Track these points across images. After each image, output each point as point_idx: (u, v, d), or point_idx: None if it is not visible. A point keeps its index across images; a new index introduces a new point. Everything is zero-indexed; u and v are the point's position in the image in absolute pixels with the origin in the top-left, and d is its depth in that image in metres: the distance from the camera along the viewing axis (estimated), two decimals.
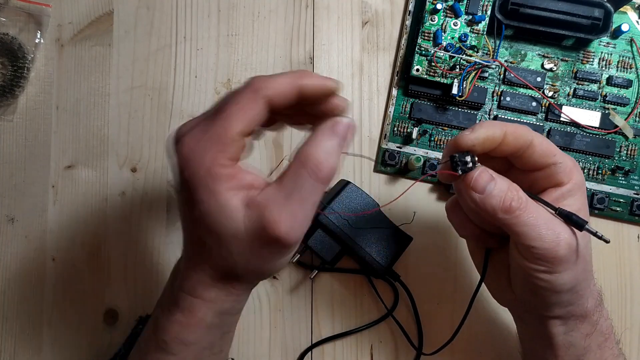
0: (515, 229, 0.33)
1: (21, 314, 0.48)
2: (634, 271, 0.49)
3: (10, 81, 0.48)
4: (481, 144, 0.34)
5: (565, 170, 0.34)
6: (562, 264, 0.33)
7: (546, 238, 0.32)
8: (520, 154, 0.35)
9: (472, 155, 0.34)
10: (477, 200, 0.33)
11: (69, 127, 0.49)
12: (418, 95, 0.48)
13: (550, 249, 0.32)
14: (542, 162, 0.35)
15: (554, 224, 0.33)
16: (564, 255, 0.33)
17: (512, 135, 0.34)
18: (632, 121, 0.48)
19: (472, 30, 0.46)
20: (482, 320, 0.48)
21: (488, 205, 0.33)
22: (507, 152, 0.35)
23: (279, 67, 0.50)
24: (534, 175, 0.35)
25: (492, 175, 0.33)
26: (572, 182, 0.35)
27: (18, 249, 0.48)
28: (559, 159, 0.34)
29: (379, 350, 0.48)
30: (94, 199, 0.49)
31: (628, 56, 0.49)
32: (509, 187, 0.33)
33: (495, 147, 0.34)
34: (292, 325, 0.48)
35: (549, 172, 0.35)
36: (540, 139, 0.34)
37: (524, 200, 0.33)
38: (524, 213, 0.33)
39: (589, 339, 0.37)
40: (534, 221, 0.33)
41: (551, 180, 0.35)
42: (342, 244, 0.45)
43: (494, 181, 0.33)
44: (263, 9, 0.50)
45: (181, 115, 0.49)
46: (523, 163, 0.35)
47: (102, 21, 0.50)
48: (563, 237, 0.33)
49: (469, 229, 0.38)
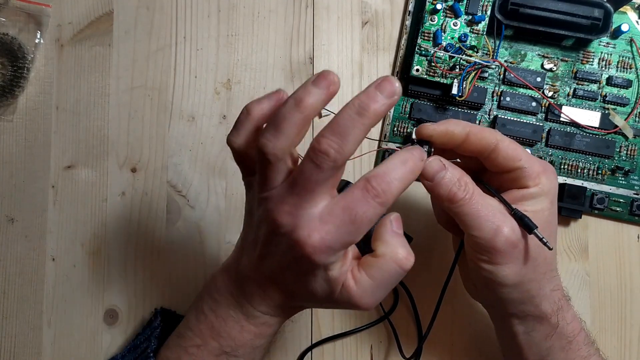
0: (459, 218, 0.35)
1: (21, 314, 0.48)
2: (634, 271, 0.49)
3: (10, 81, 0.48)
4: (439, 136, 0.36)
5: (531, 175, 0.36)
6: (501, 256, 0.34)
7: (485, 228, 0.34)
8: (485, 155, 0.36)
9: (430, 145, 0.36)
10: (427, 187, 0.35)
11: (69, 127, 0.49)
12: (418, 95, 0.48)
13: (488, 239, 0.34)
14: (506, 165, 0.36)
15: (497, 218, 0.34)
16: (501, 247, 0.34)
17: (475, 137, 0.36)
18: (632, 121, 0.48)
19: (472, 30, 0.46)
20: (481, 320, 0.48)
21: (436, 193, 0.35)
22: (470, 151, 0.37)
23: (279, 67, 0.50)
24: (503, 177, 0.37)
25: (444, 165, 0.35)
26: (538, 186, 0.36)
27: (18, 249, 0.48)
28: (524, 164, 0.36)
29: (379, 350, 0.48)
30: (94, 199, 0.49)
31: (628, 56, 0.49)
32: (458, 178, 0.35)
33: (456, 144, 0.36)
34: (292, 325, 0.48)
35: (515, 175, 0.36)
36: (507, 142, 0.36)
37: (470, 192, 0.35)
38: (467, 203, 0.34)
39: (550, 340, 0.38)
40: (475, 212, 0.34)
41: (517, 183, 0.37)
42: None
43: (445, 170, 0.35)
44: (263, 9, 0.50)
45: (181, 115, 0.49)
46: (490, 164, 0.37)
47: (102, 21, 0.50)
48: (503, 230, 0.34)
49: (443, 217, 0.40)
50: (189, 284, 0.48)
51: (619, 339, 0.48)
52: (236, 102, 0.49)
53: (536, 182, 0.36)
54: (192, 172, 0.49)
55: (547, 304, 0.37)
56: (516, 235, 0.35)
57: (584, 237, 0.49)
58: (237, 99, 0.49)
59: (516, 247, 0.35)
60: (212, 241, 0.48)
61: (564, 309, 0.38)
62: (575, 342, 0.38)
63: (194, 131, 0.49)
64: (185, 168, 0.49)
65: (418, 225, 0.48)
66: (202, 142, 0.49)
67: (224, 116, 0.49)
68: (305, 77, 0.50)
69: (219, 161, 0.49)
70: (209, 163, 0.49)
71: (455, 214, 0.35)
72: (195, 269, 0.48)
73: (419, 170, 0.33)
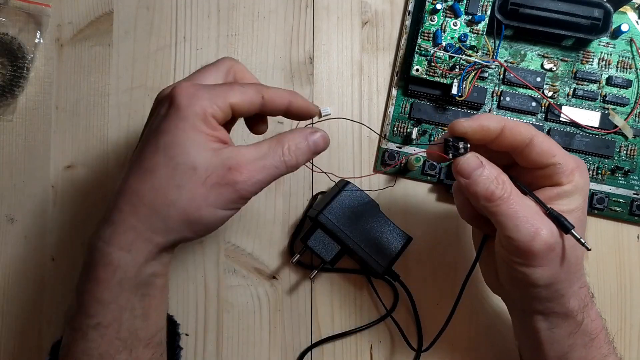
0: (495, 217, 0.34)
1: (21, 314, 0.48)
2: (634, 271, 0.49)
3: (10, 81, 0.48)
4: (474, 132, 0.34)
5: (565, 172, 0.35)
6: (537, 259, 0.34)
7: (523, 231, 0.33)
8: (519, 151, 0.35)
9: (465, 141, 0.34)
10: (463, 185, 0.34)
11: (69, 127, 0.49)
12: (418, 95, 0.48)
13: (525, 242, 0.33)
14: (540, 161, 0.35)
15: (536, 220, 0.33)
16: (539, 251, 0.33)
17: (510, 131, 0.34)
18: (632, 121, 0.48)
19: (472, 30, 0.46)
20: (481, 318, 0.48)
21: (472, 190, 0.34)
22: (504, 146, 0.35)
23: (279, 67, 0.50)
24: (535, 173, 0.36)
25: (481, 162, 0.34)
26: (572, 184, 0.35)
27: (18, 249, 0.48)
28: (559, 160, 0.35)
29: (379, 350, 0.48)
30: (94, 199, 0.48)
31: (628, 56, 0.49)
32: (496, 176, 0.34)
33: (491, 139, 0.35)
34: (291, 325, 0.48)
35: (549, 171, 0.35)
36: (542, 138, 0.35)
37: (508, 191, 0.34)
38: (504, 203, 0.33)
39: (573, 337, 0.37)
40: (513, 213, 0.33)
41: (550, 180, 0.35)
42: (342, 244, 0.45)
43: (482, 168, 0.34)
44: (263, 9, 0.50)
45: None
46: (522, 160, 0.36)
47: (102, 21, 0.50)
48: (541, 234, 0.33)
49: (468, 212, 0.39)
50: (189, 284, 0.48)
51: (619, 339, 0.48)
52: None
53: (570, 179, 0.35)
54: None
55: (574, 301, 0.36)
56: (554, 238, 0.33)
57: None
58: None
59: (553, 250, 0.34)
60: (211, 241, 0.48)
61: (588, 306, 0.37)
62: (597, 340, 0.38)
63: None
64: None
65: (418, 225, 0.48)
66: None
67: None
68: (305, 77, 0.50)
69: None
70: None
71: (491, 213, 0.34)
72: (195, 269, 0.48)
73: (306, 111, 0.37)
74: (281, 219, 0.48)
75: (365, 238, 0.45)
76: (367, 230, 0.45)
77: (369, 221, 0.45)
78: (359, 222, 0.45)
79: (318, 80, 0.50)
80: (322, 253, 0.45)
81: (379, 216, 0.45)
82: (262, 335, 0.48)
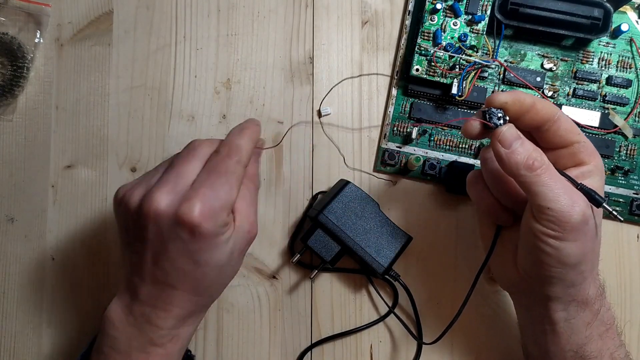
0: (534, 187, 0.34)
1: (21, 314, 0.48)
2: (634, 271, 0.49)
3: (10, 81, 0.48)
4: (512, 103, 0.36)
5: (587, 151, 0.36)
6: (573, 231, 0.34)
7: (562, 201, 0.33)
8: (547, 127, 0.37)
9: (503, 112, 0.36)
10: (503, 155, 0.35)
11: (69, 127, 0.49)
12: (418, 95, 0.48)
13: (565, 212, 0.33)
14: (566, 138, 0.36)
15: (572, 192, 0.34)
16: (577, 222, 0.34)
17: (541, 105, 0.36)
18: (632, 121, 0.48)
19: (472, 30, 0.46)
20: (481, 315, 0.48)
21: (513, 160, 0.35)
22: (536, 120, 0.36)
23: (279, 67, 0.50)
24: (558, 153, 0.37)
25: (519, 135, 0.35)
26: (593, 163, 0.36)
27: (18, 249, 0.48)
28: (582, 138, 0.37)
29: (379, 350, 0.48)
30: (94, 199, 0.48)
31: (628, 56, 0.49)
32: (534, 148, 0.35)
33: (524, 112, 0.36)
34: (291, 325, 0.48)
35: (572, 150, 0.37)
36: (566, 116, 0.37)
37: (546, 163, 0.35)
38: (545, 173, 0.34)
39: (590, 328, 0.37)
40: (553, 183, 0.34)
41: (574, 159, 0.37)
42: (342, 244, 0.45)
43: (521, 140, 0.35)
44: (263, 9, 0.50)
45: (181, 115, 0.49)
46: (549, 138, 0.37)
47: (102, 21, 0.50)
48: (579, 205, 0.34)
49: (486, 200, 0.39)
50: None
51: None
52: (236, 101, 0.49)
53: (591, 159, 0.36)
54: None
55: (593, 288, 0.37)
56: (589, 210, 0.34)
57: None
58: (237, 99, 0.49)
59: (587, 223, 0.34)
60: None
61: (603, 295, 0.38)
62: (611, 330, 0.38)
63: (193, 131, 0.49)
64: None
65: (418, 225, 0.48)
66: None
67: (224, 116, 0.49)
68: (305, 76, 0.50)
69: None
70: None
71: (530, 183, 0.34)
72: None
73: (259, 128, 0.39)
74: (281, 219, 0.49)
75: (365, 238, 0.45)
76: (367, 230, 0.45)
77: (369, 221, 0.45)
78: (359, 222, 0.45)
79: (318, 80, 0.50)
80: (322, 253, 0.45)
81: (379, 216, 0.45)
82: (262, 334, 0.48)
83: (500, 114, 0.36)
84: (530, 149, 0.35)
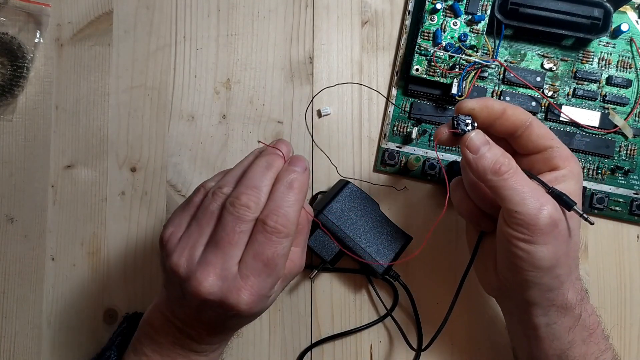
0: (502, 191, 0.35)
1: (21, 314, 0.48)
2: (634, 271, 0.49)
3: (10, 81, 0.48)
4: (480, 110, 0.36)
5: (561, 156, 0.37)
6: (543, 235, 0.34)
7: (529, 204, 0.34)
8: (519, 133, 0.37)
9: (472, 119, 0.36)
10: (471, 160, 0.35)
11: (69, 127, 0.49)
12: (418, 94, 0.48)
13: (532, 215, 0.34)
14: (539, 143, 0.37)
15: (540, 195, 0.34)
16: (545, 225, 0.34)
17: (512, 112, 0.37)
18: (632, 121, 0.48)
19: (472, 30, 0.46)
20: (480, 317, 0.48)
21: (480, 165, 0.35)
22: (507, 127, 0.37)
23: (279, 67, 0.50)
24: (533, 159, 0.37)
25: (487, 140, 0.36)
26: (568, 168, 0.37)
27: (18, 249, 0.48)
28: (555, 144, 0.37)
29: (379, 350, 0.48)
30: (94, 198, 0.48)
31: (628, 56, 0.49)
32: (502, 153, 0.35)
33: (495, 118, 0.37)
34: (291, 325, 0.48)
35: (546, 155, 0.37)
36: (539, 122, 0.37)
37: (513, 167, 0.35)
38: (511, 177, 0.34)
39: (572, 333, 0.37)
40: (519, 187, 0.34)
41: (548, 164, 0.37)
42: (342, 244, 0.45)
43: (489, 145, 0.36)
44: (263, 9, 0.50)
45: (181, 115, 0.49)
46: (522, 143, 0.37)
47: (102, 21, 0.50)
48: (546, 208, 0.34)
49: (466, 206, 0.40)
50: None
51: (618, 339, 0.48)
52: (236, 101, 0.49)
53: (566, 164, 0.36)
54: (191, 172, 0.49)
55: (572, 292, 0.37)
56: (558, 213, 0.34)
57: (583, 237, 0.49)
58: (237, 99, 0.49)
59: (557, 226, 0.34)
60: None
61: (584, 300, 0.38)
62: (594, 335, 0.38)
63: (193, 131, 0.49)
64: (185, 167, 0.49)
65: (418, 225, 0.48)
66: (202, 142, 0.49)
67: (224, 116, 0.49)
68: (305, 76, 0.50)
69: (218, 161, 0.49)
70: (209, 162, 0.49)
71: (498, 187, 0.34)
72: None
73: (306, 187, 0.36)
74: None
75: (365, 238, 0.45)
76: (367, 229, 0.45)
77: (369, 221, 0.45)
78: (359, 222, 0.45)
79: (318, 80, 0.50)
80: (322, 253, 0.45)
81: (379, 216, 0.45)
82: (262, 335, 0.48)
83: (468, 120, 0.36)
84: (498, 153, 0.35)
